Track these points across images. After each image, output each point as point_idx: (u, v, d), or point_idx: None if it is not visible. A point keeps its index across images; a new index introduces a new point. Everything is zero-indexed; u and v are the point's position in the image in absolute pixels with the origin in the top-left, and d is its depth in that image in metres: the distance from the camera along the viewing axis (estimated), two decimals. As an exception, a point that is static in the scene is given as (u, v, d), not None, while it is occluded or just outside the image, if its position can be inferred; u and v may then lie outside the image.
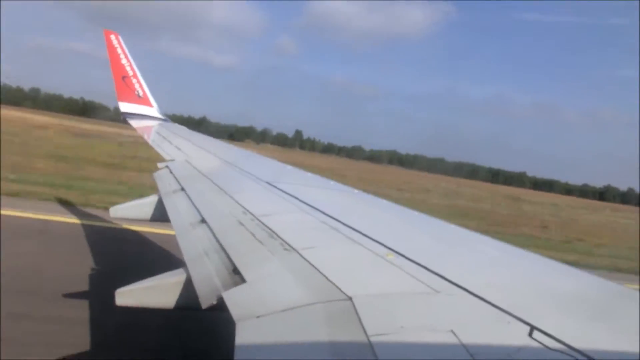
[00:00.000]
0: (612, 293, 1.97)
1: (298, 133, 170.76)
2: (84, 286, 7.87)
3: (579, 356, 1.28)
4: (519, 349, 1.31)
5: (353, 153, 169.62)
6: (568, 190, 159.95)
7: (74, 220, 12.12)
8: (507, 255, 2.49)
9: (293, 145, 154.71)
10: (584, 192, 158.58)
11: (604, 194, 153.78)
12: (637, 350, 1.35)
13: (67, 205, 13.75)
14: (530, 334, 1.40)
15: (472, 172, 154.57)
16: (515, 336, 1.38)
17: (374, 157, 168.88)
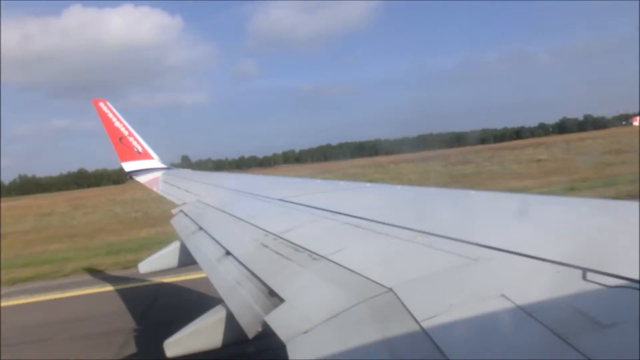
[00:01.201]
0: None
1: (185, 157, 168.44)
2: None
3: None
4: (577, 295, 1.25)
5: (241, 163, 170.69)
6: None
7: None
8: (531, 204, 2.42)
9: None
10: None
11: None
12: None
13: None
14: (584, 277, 1.33)
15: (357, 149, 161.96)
16: (570, 283, 1.31)
17: (265, 162, 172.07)
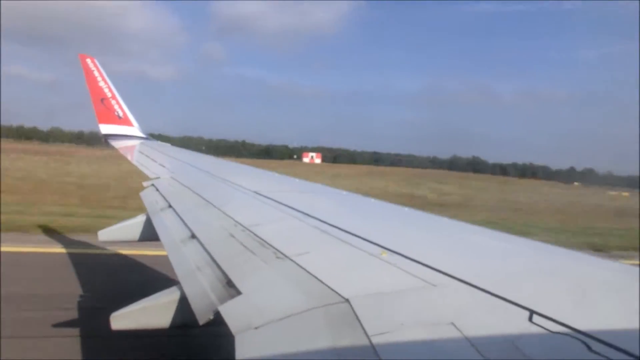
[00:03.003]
0: (609, 270, 1.98)
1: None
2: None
3: (581, 337, 1.28)
4: (520, 335, 1.31)
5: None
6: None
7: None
8: (501, 242, 2.51)
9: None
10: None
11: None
12: (638, 326, 1.36)
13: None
14: (530, 319, 1.40)
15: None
16: (516, 322, 1.38)
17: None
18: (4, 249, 11.21)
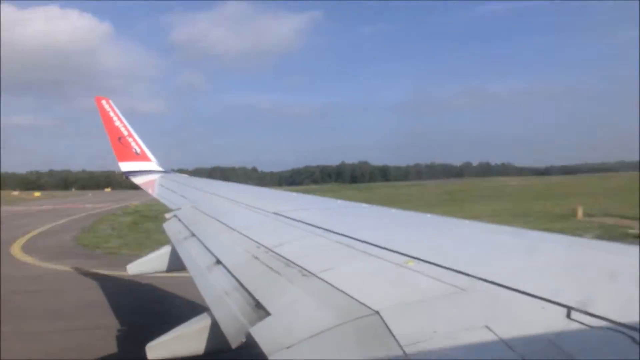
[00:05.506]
0: None
1: None
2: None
3: (625, 330, 1.22)
4: (559, 333, 1.26)
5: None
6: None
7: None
8: (527, 240, 2.45)
9: None
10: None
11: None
12: None
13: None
14: (568, 316, 1.35)
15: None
16: (553, 321, 1.34)
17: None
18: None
